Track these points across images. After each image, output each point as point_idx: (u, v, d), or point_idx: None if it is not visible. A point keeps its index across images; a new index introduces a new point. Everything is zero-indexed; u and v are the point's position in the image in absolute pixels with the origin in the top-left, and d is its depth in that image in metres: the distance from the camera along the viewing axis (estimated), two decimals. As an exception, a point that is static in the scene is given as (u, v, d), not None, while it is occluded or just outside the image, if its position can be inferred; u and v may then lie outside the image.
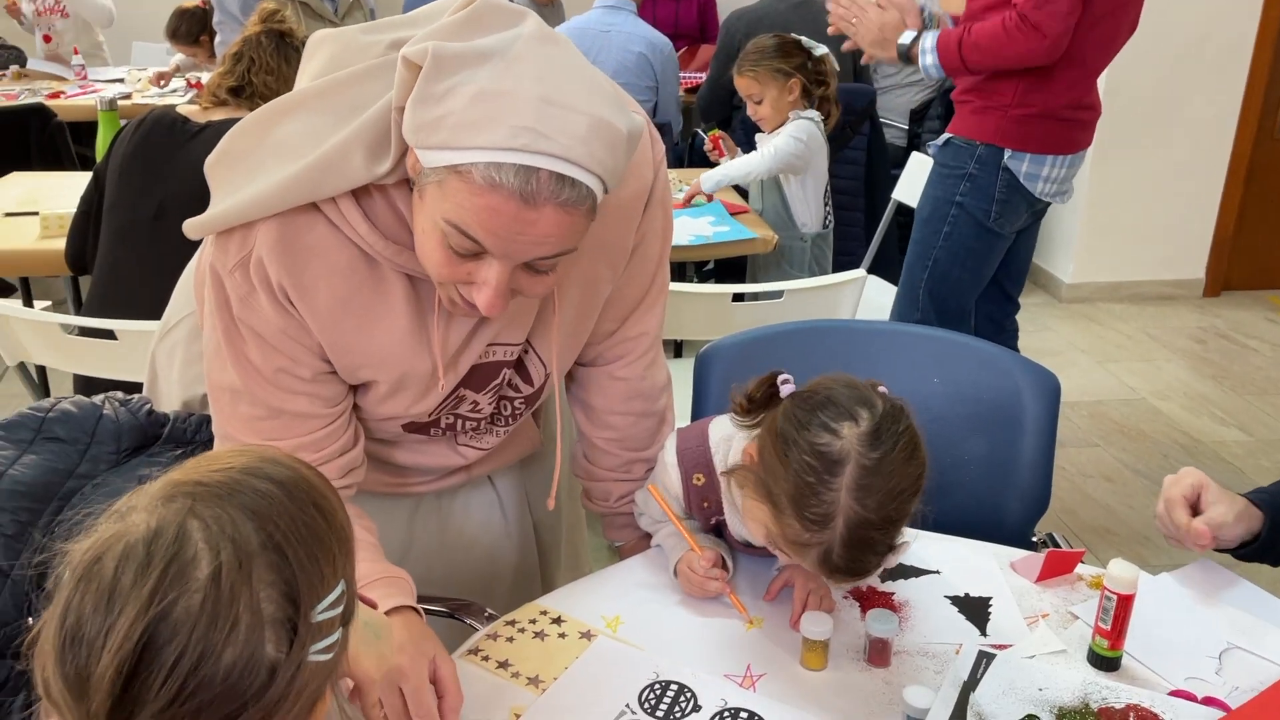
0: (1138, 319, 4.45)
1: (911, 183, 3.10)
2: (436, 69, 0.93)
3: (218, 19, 4.14)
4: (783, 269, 2.94)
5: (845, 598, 1.26)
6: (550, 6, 4.93)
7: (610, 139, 0.95)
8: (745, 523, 1.16)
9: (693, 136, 4.22)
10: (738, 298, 2.17)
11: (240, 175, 1.06)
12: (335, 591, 0.70)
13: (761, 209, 2.98)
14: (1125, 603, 1.12)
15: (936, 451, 1.09)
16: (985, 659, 1.14)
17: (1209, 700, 1.09)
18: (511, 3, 1.03)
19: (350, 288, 1.10)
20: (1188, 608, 1.25)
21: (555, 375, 1.26)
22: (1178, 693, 1.11)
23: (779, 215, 2.96)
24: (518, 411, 1.32)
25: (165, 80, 4.61)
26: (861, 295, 2.24)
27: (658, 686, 1.11)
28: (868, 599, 1.26)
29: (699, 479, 1.27)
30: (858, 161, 3.47)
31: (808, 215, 2.96)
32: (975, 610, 1.25)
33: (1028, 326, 4.35)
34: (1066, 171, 2.40)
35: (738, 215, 2.85)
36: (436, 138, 0.93)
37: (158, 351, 1.51)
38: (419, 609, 1.13)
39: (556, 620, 1.21)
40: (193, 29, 4.22)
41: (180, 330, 1.47)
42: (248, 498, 0.69)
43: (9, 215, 2.73)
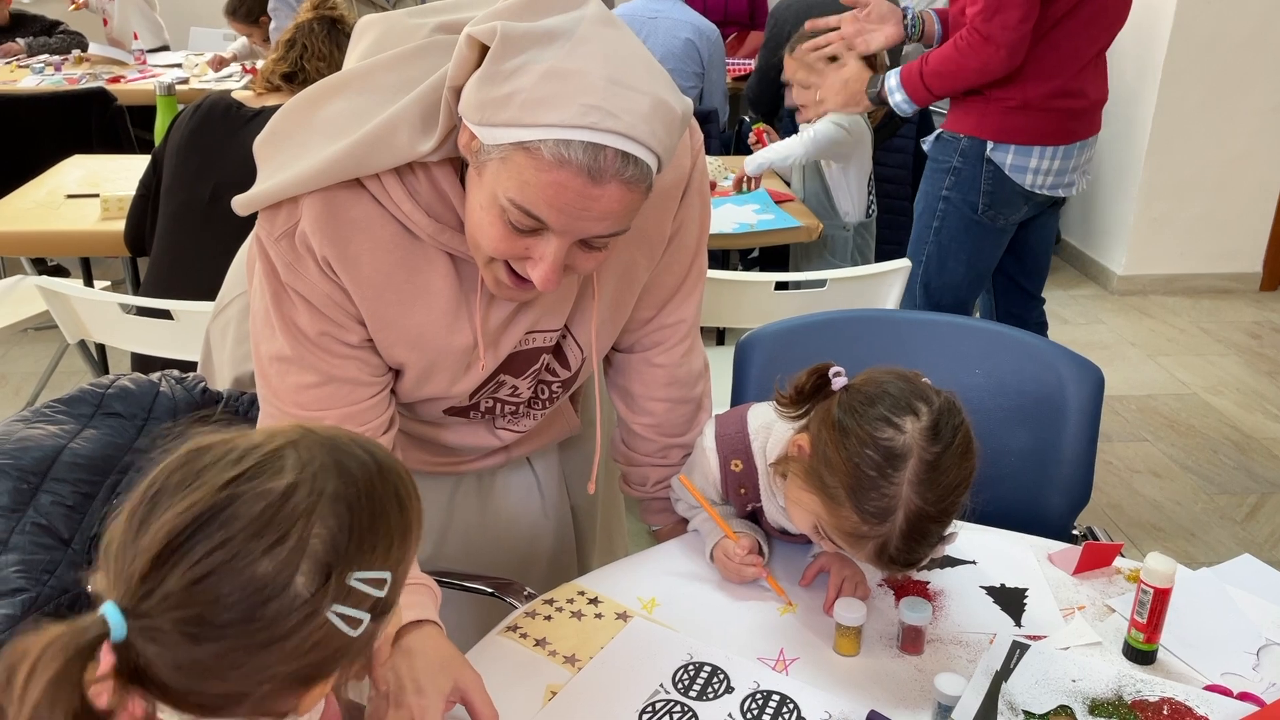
0: (1191, 312, 4.37)
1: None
2: (505, 47, 0.95)
3: (273, 5, 4.20)
4: (824, 258, 2.93)
5: (880, 585, 1.27)
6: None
7: (668, 119, 0.98)
8: (790, 511, 1.17)
9: (739, 124, 4.21)
10: (780, 286, 2.17)
11: (287, 153, 1.09)
12: (379, 574, 0.73)
13: (803, 196, 2.97)
14: (1162, 596, 1.12)
15: (979, 442, 1.11)
16: (1019, 649, 1.15)
17: (1244, 696, 1.09)
18: None
19: (392, 262, 1.12)
20: (1227, 603, 1.24)
21: (594, 361, 1.27)
22: (1213, 687, 1.10)
23: (820, 203, 2.95)
24: (555, 395, 1.34)
25: (222, 65, 4.70)
26: (906, 285, 2.23)
27: (691, 667, 1.13)
28: (902, 587, 1.27)
29: (737, 465, 1.29)
30: (906, 150, 3.44)
31: (850, 204, 2.94)
32: (1010, 601, 1.25)
33: (1077, 319, 4.32)
34: (1061, 163, 2.36)
35: (783, 204, 2.85)
36: (504, 114, 0.95)
37: (211, 329, 1.55)
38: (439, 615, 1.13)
39: (593, 601, 1.23)
40: (253, 9, 4.28)
41: (233, 309, 1.51)
42: (344, 455, 0.74)
43: (70, 197, 2.81)
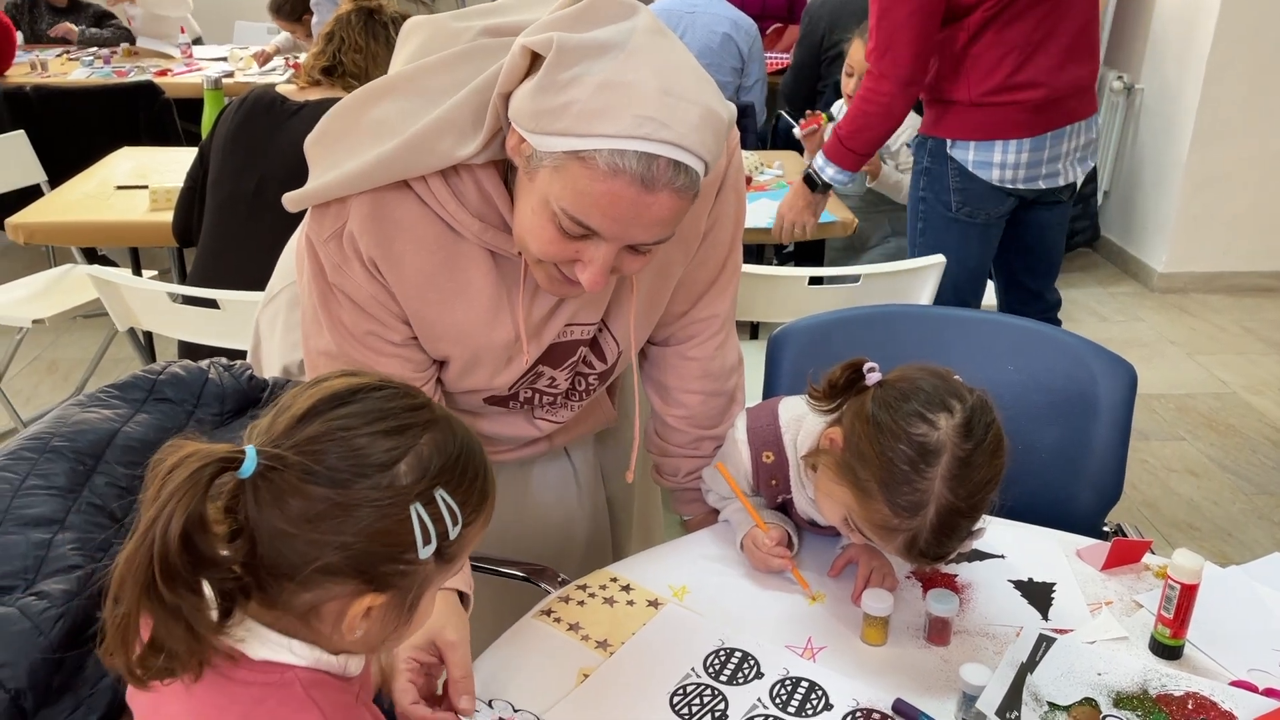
0: (1233, 311, 4.32)
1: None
2: (560, 58, 0.98)
3: (315, 1, 4.26)
4: (886, 229, 2.94)
5: (908, 577, 1.29)
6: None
7: (716, 127, 1.01)
8: (820, 503, 1.20)
9: (776, 119, 4.21)
10: (814, 281, 2.18)
11: (337, 153, 1.13)
12: (458, 511, 0.79)
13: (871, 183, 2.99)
14: (1189, 592, 1.13)
15: (1010, 439, 1.13)
16: (1045, 642, 1.16)
17: (1270, 692, 1.10)
18: None
19: (436, 261, 1.16)
20: (1256, 601, 1.24)
21: (631, 354, 1.30)
22: (1238, 683, 1.11)
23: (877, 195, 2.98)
24: (591, 387, 1.37)
25: (266, 60, 4.77)
26: (939, 281, 2.23)
27: (722, 653, 1.16)
28: (930, 579, 1.29)
29: (768, 456, 1.31)
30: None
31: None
32: (1038, 595, 1.26)
33: (1116, 316, 4.29)
34: (1030, 155, 2.33)
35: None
36: (559, 124, 0.98)
37: (261, 318, 1.60)
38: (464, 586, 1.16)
39: (626, 588, 1.26)
40: (296, 7, 4.34)
41: (282, 298, 1.56)
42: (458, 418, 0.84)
43: (120, 188, 2.88)
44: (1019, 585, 1.28)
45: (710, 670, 1.13)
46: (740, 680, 1.12)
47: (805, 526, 1.34)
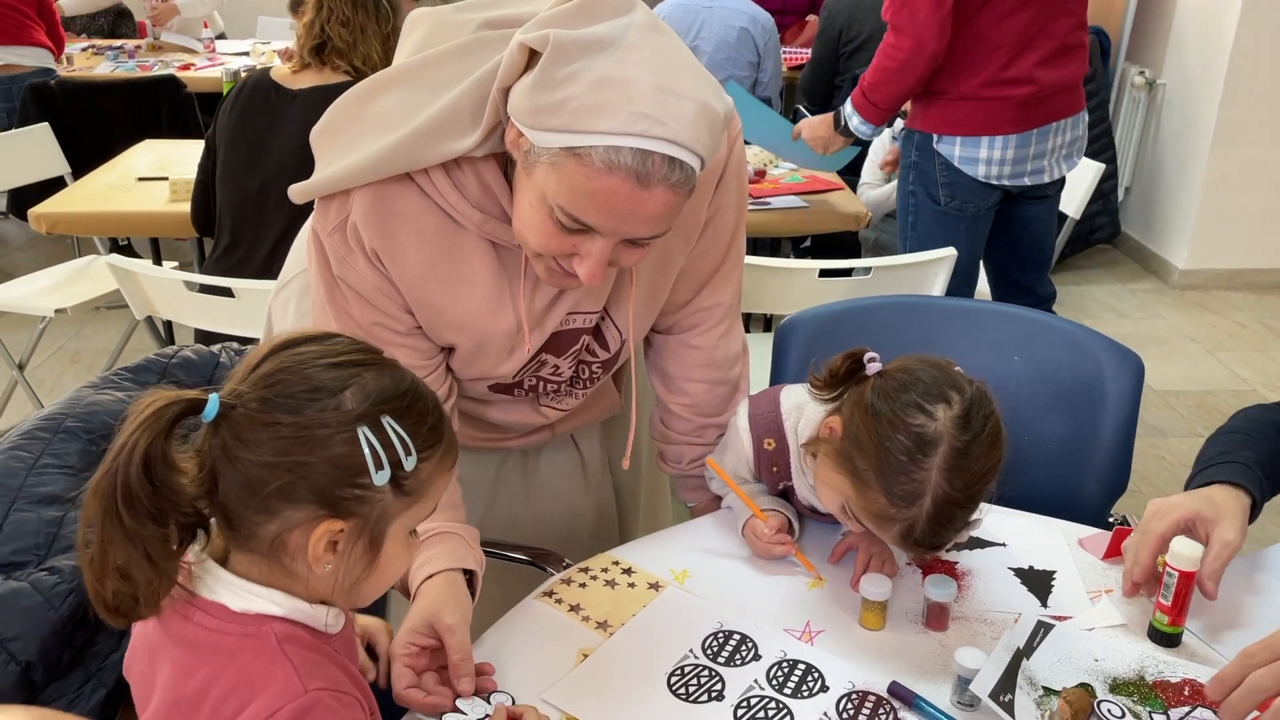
0: (1254, 308, 4.29)
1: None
2: (557, 55, 0.99)
3: None
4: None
5: (908, 564, 1.29)
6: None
7: (712, 123, 1.02)
8: (818, 491, 1.21)
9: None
10: (825, 273, 2.19)
11: (341, 145, 1.15)
12: (409, 441, 0.83)
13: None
14: (1187, 580, 1.13)
15: (1015, 429, 1.14)
16: (1043, 629, 1.17)
17: (1267, 680, 1.10)
18: None
19: (437, 252, 1.18)
20: (1255, 589, 1.24)
21: (632, 342, 1.32)
22: (1236, 671, 1.11)
23: None
24: (595, 375, 1.38)
25: (289, 57, 4.80)
26: (950, 273, 2.23)
27: (721, 635, 1.17)
28: (930, 566, 1.29)
29: (769, 444, 1.32)
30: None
31: None
32: (1038, 582, 1.27)
33: (1135, 313, 4.26)
34: (1017, 152, 2.33)
35: (828, 193, 2.86)
36: (556, 120, 0.99)
37: (273, 305, 1.62)
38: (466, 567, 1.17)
39: (627, 570, 1.28)
40: None
41: (294, 285, 1.58)
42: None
43: (141, 180, 2.92)
44: (1019, 573, 1.28)
45: (709, 652, 1.14)
46: (738, 662, 1.13)
47: (806, 513, 1.35)
